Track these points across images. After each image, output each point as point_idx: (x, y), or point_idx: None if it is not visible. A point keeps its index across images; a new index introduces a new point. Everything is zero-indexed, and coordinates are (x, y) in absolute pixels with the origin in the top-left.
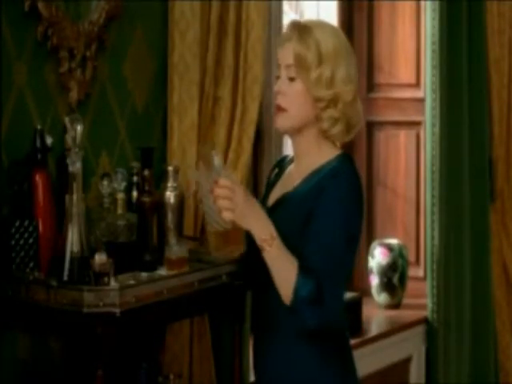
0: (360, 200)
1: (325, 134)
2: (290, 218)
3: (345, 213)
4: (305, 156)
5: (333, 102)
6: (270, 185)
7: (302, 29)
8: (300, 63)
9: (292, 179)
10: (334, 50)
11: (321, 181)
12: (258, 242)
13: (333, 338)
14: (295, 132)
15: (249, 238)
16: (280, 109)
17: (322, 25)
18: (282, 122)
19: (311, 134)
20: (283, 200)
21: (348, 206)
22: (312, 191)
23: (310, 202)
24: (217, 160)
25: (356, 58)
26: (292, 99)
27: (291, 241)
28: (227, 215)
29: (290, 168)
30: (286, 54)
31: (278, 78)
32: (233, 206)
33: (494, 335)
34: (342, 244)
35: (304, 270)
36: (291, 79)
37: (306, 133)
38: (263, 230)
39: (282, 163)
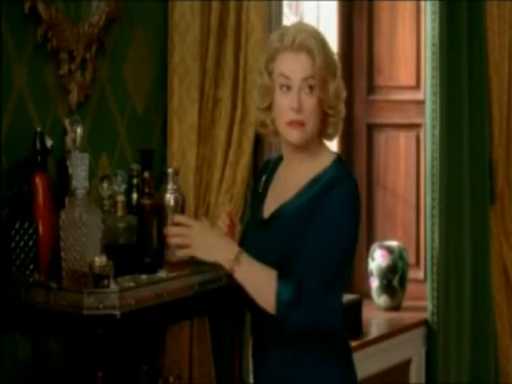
0: (357, 210)
1: (321, 135)
2: (289, 229)
3: (340, 224)
4: (302, 161)
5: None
6: (261, 194)
7: (316, 40)
8: (322, 76)
9: (287, 187)
10: (336, 59)
11: (320, 191)
12: (227, 266)
13: (332, 340)
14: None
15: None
16: (300, 124)
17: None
18: (299, 136)
19: (314, 137)
20: (281, 212)
21: (344, 217)
22: (311, 202)
23: (308, 213)
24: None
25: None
26: (310, 113)
27: (288, 251)
28: (182, 252)
29: (282, 173)
30: (299, 67)
31: (286, 88)
32: (189, 241)
33: (494, 337)
34: (331, 254)
35: (283, 274)
36: (308, 93)
37: (311, 138)
38: (227, 254)
39: (267, 169)
